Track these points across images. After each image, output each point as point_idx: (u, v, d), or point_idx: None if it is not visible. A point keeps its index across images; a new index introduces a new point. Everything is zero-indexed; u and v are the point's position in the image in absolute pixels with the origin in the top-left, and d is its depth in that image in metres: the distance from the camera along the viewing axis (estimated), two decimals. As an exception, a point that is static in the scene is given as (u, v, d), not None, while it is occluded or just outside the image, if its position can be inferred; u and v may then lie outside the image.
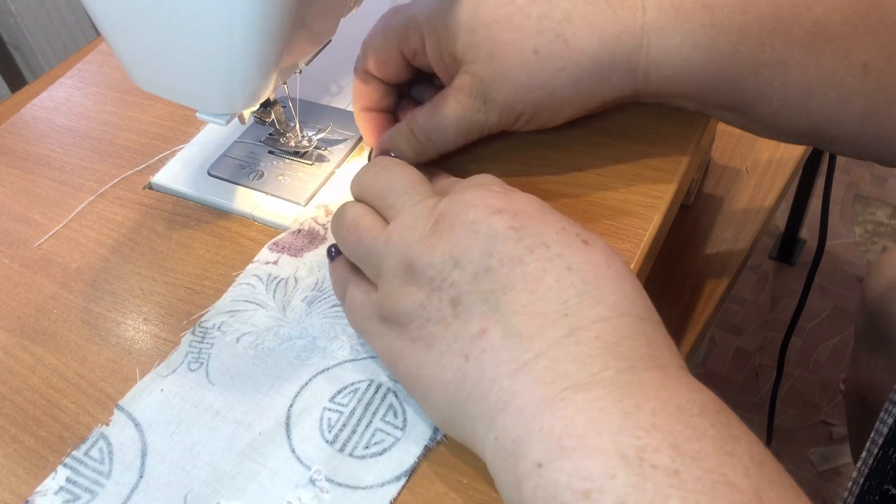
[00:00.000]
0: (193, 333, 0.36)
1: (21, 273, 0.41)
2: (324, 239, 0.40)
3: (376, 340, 0.32)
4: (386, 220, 0.33)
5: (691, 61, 0.35)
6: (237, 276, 0.39)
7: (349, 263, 0.35)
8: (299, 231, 0.40)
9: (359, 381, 0.33)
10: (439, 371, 0.28)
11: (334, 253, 0.36)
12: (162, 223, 0.42)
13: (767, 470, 0.23)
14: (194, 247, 0.41)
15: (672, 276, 0.57)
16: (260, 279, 0.38)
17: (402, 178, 0.33)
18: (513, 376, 0.26)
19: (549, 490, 0.23)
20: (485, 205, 0.29)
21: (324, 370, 0.34)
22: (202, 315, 0.37)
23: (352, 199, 0.36)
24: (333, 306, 0.37)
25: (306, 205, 0.42)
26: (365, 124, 0.42)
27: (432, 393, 0.29)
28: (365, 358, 0.34)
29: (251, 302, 0.37)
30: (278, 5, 0.32)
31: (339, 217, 0.35)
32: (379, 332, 0.31)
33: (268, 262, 0.39)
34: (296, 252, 0.39)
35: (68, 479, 0.32)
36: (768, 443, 0.87)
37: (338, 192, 0.43)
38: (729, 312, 1.24)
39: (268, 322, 0.36)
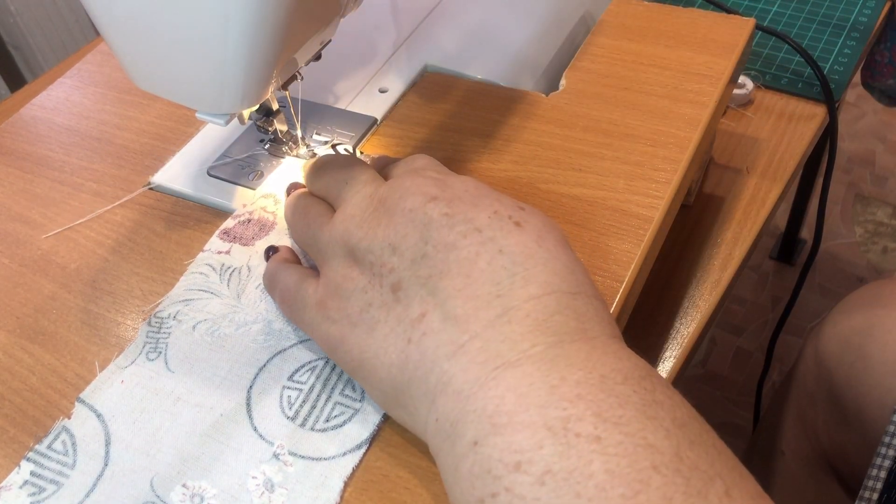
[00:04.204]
0: (149, 324, 0.37)
1: (20, 273, 0.41)
2: (273, 225, 0.40)
3: (315, 329, 0.33)
4: (333, 209, 0.35)
5: None
6: (188, 264, 0.39)
7: (282, 259, 0.37)
8: (249, 221, 0.41)
9: (316, 360, 0.34)
10: (382, 354, 0.29)
11: (270, 251, 0.38)
12: (161, 223, 0.42)
13: (689, 431, 0.24)
14: (193, 247, 0.40)
15: (672, 276, 0.57)
16: (213, 268, 0.39)
17: (345, 170, 0.35)
18: (450, 358, 0.27)
19: (483, 465, 0.25)
20: (421, 192, 0.31)
21: (280, 351, 0.35)
22: (156, 305, 0.38)
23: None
24: None
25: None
26: None
27: (375, 375, 0.30)
28: None
29: (205, 291, 0.38)
30: (276, 4, 0.31)
31: (292, 205, 0.37)
32: (316, 320, 0.32)
33: (220, 252, 0.39)
34: (247, 241, 0.40)
35: (32, 473, 0.32)
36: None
37: (285, 181, 0.43)
38: (729, 312, 1.24)
39: (223, 309, 0.37)
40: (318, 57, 0.39)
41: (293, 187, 0.40)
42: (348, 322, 0.31)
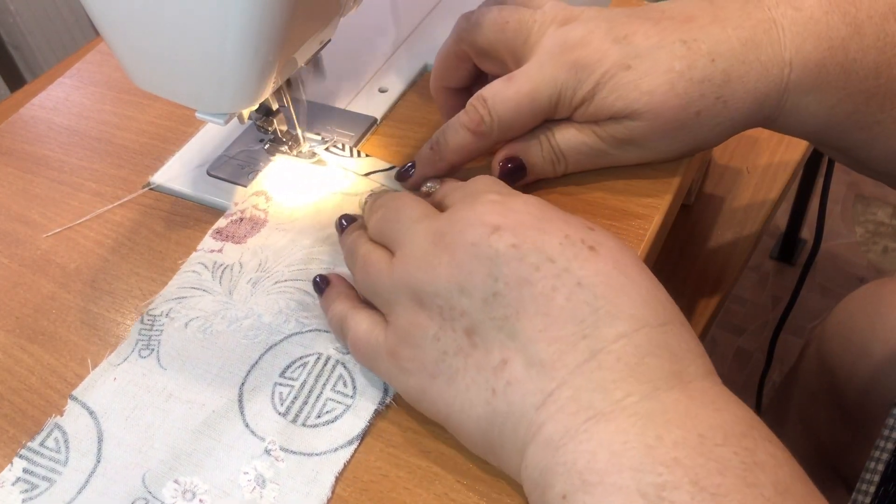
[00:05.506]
0: (142, 322, 0.37)
1: (20, 273, 0.41)
2: (265, 222, 0.40)
3: (392, 380, 0.31)
4: (392, 253, 0.32)
5: (815, 116, 0.36)
6: (181, 263, 0.39)
7: (344, 298, 0.34)
8: (241, 219, 0.41)
9: (307, 355, 0.34)
10: (468, 407, 0.28)
11: (320, 282, 0.36)
12: (161, 223, 0.42)
13: (791, 498, 0.23)
14: (193, 247, 0.40)
15: (673, 277, 0.57)
16: (205, 266, 0.39)
17: (396, 208, 0.33)
18: (539, 408, 0.26)
19: None
20: (482, 223, 0.29)
21: (271, 346, 0.35)
22: (149, 303, 0.38)
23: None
24: (276, 283, 0.37)
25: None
26: (445, 102, 0.42)
27: (464, 429, 0.29)
28: (311, 330, 0.35)
29: (197, 288, 0.38)
30: (275, 4, 0.31)
31: (352, 254, 0.35)
32: (392, 372, 0.31)
33: (212, 251, 0.40)
34: (239, 240, 0.40)
35: (25, 470, 0.32)
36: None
37: (276, 179, 0.43)
38: (729, 312, 1.24)
39: (215, 306, 0.37)
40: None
41: (345, 220, 0.38)
42: (425, 374, 0.29)
